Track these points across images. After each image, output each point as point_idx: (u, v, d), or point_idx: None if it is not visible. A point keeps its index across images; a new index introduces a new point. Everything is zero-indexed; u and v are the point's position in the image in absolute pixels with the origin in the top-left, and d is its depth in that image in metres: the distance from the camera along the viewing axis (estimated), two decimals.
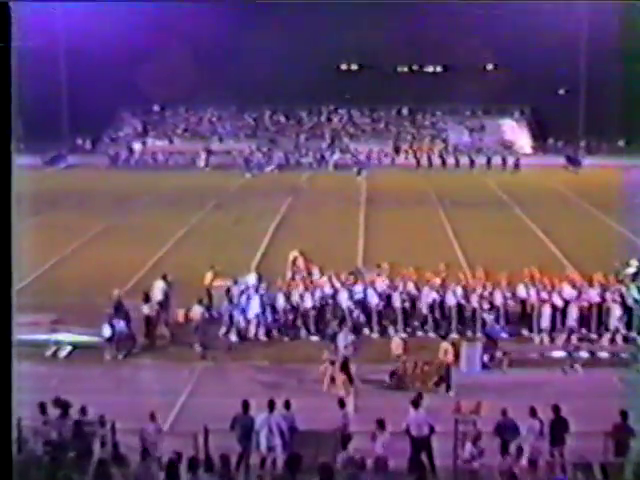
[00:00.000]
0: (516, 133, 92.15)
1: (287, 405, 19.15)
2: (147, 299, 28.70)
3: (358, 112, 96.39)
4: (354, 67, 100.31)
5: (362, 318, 29.12)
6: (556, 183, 67.45)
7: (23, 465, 14.89)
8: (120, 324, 27.08)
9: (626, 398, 21.13)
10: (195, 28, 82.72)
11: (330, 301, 29.35)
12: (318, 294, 29.38)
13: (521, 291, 29.29)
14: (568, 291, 28.89)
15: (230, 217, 50.84)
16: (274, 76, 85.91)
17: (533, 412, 18.46)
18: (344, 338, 25.12)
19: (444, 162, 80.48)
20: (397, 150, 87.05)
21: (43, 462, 15.31)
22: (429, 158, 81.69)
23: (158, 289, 30.08)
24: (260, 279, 30.43)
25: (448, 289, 29.29)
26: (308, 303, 29.16)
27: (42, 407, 18.60)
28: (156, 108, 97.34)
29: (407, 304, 29.35)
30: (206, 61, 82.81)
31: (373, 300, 29.26)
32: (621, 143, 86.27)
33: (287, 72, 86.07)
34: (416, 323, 29.35)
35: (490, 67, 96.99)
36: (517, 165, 76.97)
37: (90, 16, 78.85)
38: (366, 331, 28.95)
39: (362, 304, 29.28)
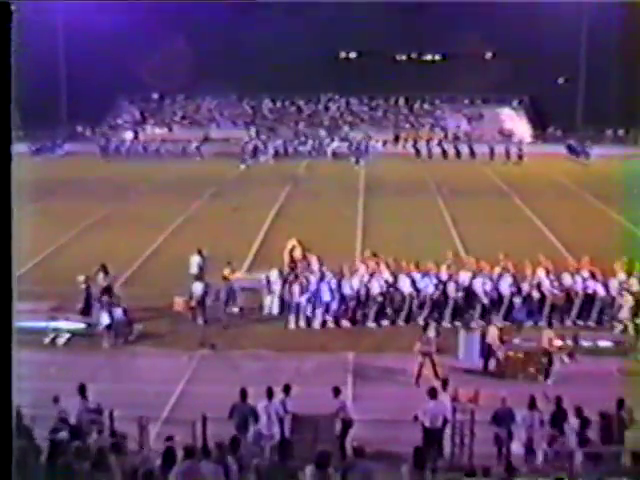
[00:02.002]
0: (515, 122, 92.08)
1: (286, 390, 19.20)
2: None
3: (356, 100, 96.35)
4: (353, 55, 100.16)
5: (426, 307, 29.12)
6: (556, 172, 67.39)
7: (22, 453, 14.87)
8: (117, 311, 27.11)
9: (626, 387, 21.11)
10: (194, 16, 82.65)
11: (391, 289, 29.26)
12: (382, 281, 29.24)
13: (567, 280, 29.38)
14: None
15: (228, 205, 50.79)
16: (273, 64, 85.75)
17: (532, 402, 18.45)
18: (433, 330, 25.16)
19: (444, 151, 79.99)
20: (396, 138, 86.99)
21: (42, 450, 15.30)
22: (428, 146, 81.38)
23: (194, 263, 31.51)
24: (282, 274, 30.31)
25: (501, 278, 29.26)
26: (375, 290, 29.10)
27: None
28: (155, 96, 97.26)
29: (461, 294, 29.33)
30: (205, 49, 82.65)
31: (429, 289, 29.14)
32: (621, 132, 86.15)
33: (286, 60, 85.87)
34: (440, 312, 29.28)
35: (489, 56, 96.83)
36: (520, 157, 75.88)
37: (89, 4, 78.71)
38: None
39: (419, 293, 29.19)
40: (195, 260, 31.84)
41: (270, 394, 18.79)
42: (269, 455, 17.16)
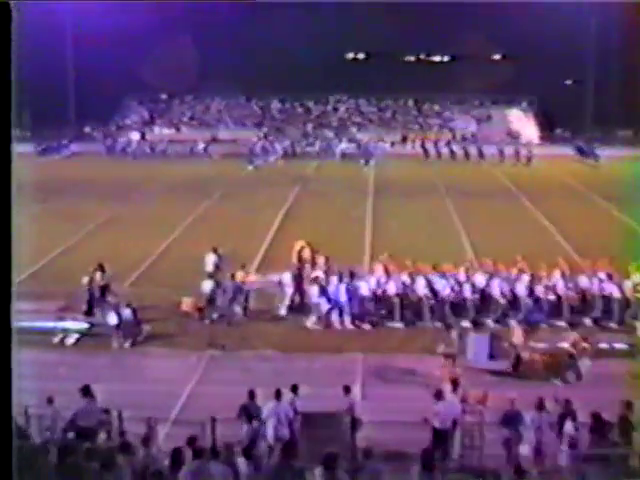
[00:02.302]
0: (523, 123, 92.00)
1: (294, 390, 19.18)
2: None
3: (365, 101, 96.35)
4: (361, 56, 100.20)
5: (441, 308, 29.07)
6: (564, 174, 67.31)
7: (30, 453, 14.88)
8: (126, 312, 27.11)
9: (635, 390, 21.02)
10: (203, 17, 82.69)
11: (408, 290, 29.21)
12: (399, 282, 29.21)
13: (583, 281, 29.34)
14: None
15: (237, 206, 50.82)
16: (281, 65, 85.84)
17: (541, 404, 18.36)
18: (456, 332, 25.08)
19: (452, 152, 79.73)
20: (404, 139, 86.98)
21: (51, 450, 15.29)
22: (436, 148, 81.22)
23: (210, 262, 31.68)
24: (295, 277, 30.34)
25: (518, 280, 29.23)
26: (392, 290, 29.09)
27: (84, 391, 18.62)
28: (163, 96, 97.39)
29: (477, 295, 29.19)
30: (213, 50, 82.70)
31: (445, 291, 29.07)
32: (629, 133, 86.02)
33: (294, 61, 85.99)
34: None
35: (497, 57, 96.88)
36: (529, 159, 75.31)
37: (97, 4, 78.85)
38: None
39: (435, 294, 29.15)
40: (211, 259, 32.02)
41: (278, 395, 18.76)
42: (277, 456, 17.12)
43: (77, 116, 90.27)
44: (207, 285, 29.63)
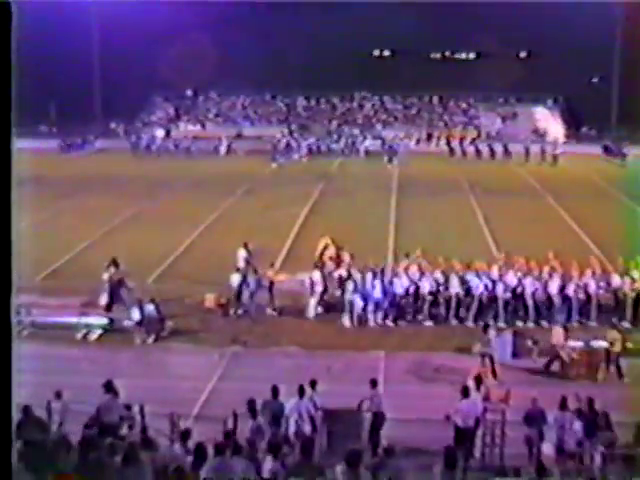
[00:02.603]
0: (549, 121, 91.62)
1: (313, 385, 19.22)
2: None
3: (390, 98, 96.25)
4: (387, 53, 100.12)
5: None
6: (590, 172, 67.00)
7: (53, 448, 14.95)
8: (149, 307, 27.20)
9: None
10: (229, 13, 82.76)
11: (442, 288, 29.21)
12: (432, 280, 29.20)
13: (616, 280, 29.31)
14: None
15: (261, 202, 50.89)
16: (307, 62, 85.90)
17: (563, 403, 18.29)
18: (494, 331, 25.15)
19: (478, 150, 78.94)
20: (429, 137, 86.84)
21: (74, 445, 15.34)
22: (461, 145, 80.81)
23: (241, 257, 32.11)
24: (324, 278, 30.24)
25: (550, 279, 29.15)
26: (425, 288, 29.11)
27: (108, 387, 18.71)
28: (189, 93, 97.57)
29: (508, 294, 29.16)
30: (240, 47, 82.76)
31: (479, 289, 29.03)
32: None
33: (320, 58, 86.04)
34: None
35: (523, 55, 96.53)
36: (555, 158, 74.04)
37: (124, 1, 79.24)
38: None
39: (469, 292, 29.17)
40: (241, 254, 32.31)
41: (301, 392, 18.79)
42: (298, 452, 17.14)
43: (103, 112, 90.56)
44: (235, 279, 29.90)
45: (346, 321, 28.81)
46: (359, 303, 28.81)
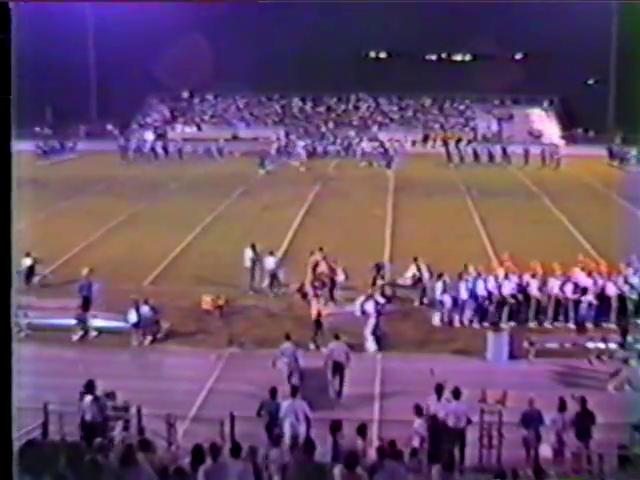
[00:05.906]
0: (545, 123, 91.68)
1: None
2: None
3: (386, 100, 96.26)
4: (382, 55, 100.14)
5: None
6: (586, 174, 66.92)
7: (50, 449, 14.94)
8: (145, 309, 27.14)
9: None
10: (225, 15, 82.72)
11: (531, 289, 29.17)
12: (514, 283, 29.18)
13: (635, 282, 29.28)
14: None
15: (257, 204, 50.85)
16: (303, 63, 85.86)
17: (562, 404, 18.23)
18: None
19: (476, 154, 78.13)
20: (425, 138, 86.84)
21: (70, 446, 15.34)
22: (458, 148, 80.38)
23: (247, 258, 32.72)
24: (377, 304, 28.16)
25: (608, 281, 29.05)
26: (506, 291, 29.09)
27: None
28: (184, 95, 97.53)
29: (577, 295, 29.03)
30: (235, 48, 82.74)
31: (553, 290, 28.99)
32: None
33: (316, 60, 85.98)
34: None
35: (519, 56, 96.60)
36: (558, 162, 72.78)
37: (119, 3, 79.18)
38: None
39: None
40: (248, 254, 32.71)
41: (294, 393, 18.79)
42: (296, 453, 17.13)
43: (99, 114, 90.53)
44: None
45: (435, 321, 28.89)
46: (447, 303, 28.91)
